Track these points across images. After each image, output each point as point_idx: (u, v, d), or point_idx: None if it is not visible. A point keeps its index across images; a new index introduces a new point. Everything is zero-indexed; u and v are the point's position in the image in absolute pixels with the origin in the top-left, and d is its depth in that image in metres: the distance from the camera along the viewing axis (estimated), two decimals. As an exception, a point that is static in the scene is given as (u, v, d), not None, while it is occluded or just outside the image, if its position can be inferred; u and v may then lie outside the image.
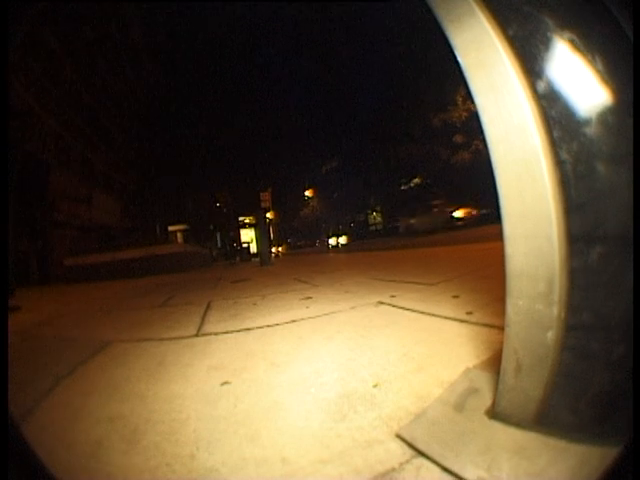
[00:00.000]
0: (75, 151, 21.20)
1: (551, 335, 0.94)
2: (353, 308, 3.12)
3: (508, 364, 1.04)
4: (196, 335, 2.73)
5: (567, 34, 0.86)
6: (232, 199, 29.28)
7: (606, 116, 0.84)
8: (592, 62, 0.84)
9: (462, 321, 2.27)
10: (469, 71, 1.04)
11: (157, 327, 3.19)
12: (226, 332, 2.72)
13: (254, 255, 18.22)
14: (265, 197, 13.95)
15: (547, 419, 0.96)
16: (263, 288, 5.41)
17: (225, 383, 1.68)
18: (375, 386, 1.49)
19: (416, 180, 43.86)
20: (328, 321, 2.76)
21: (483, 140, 1.03)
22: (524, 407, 1.00)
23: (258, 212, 12.99)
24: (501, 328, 1.92)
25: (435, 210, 20.59)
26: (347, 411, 1.32)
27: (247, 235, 32.82)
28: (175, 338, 2.68)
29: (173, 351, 2.32)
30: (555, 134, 0.89)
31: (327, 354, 1.96)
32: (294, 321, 2.87)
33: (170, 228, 32.50)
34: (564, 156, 0.89)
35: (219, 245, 35.48)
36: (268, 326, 2.79)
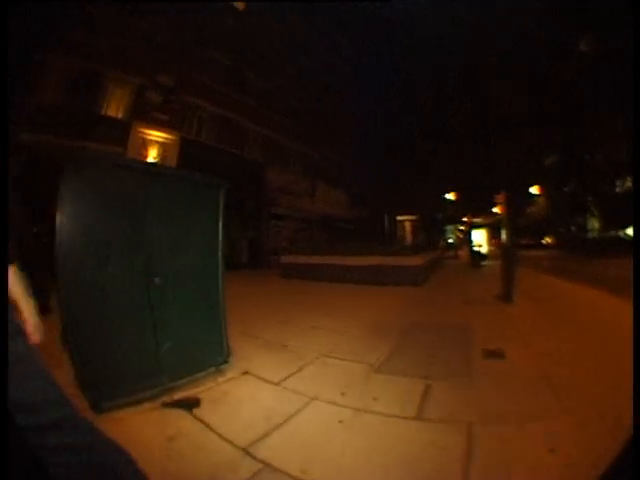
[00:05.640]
0: (292, 150, 22.83)
1: None
2: None
3: None
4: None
5: None
6: (462, 195, 26.90)
7: None
8: None
9: None
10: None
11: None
12: None
13: (483, 257, 16.45)
14: (499, 199, 12.04)
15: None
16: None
17: None
18: None
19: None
20: None
21: None
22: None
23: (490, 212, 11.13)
24: None
25: None
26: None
27: (478, 235, 30.25)
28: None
29: None
30: None
31: None
32: None
33: (399, 218, 31.92)
34: None
35: (450, 242, 33.77)
36: None
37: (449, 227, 37.98)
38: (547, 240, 38.17)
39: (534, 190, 30.89)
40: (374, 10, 21.86)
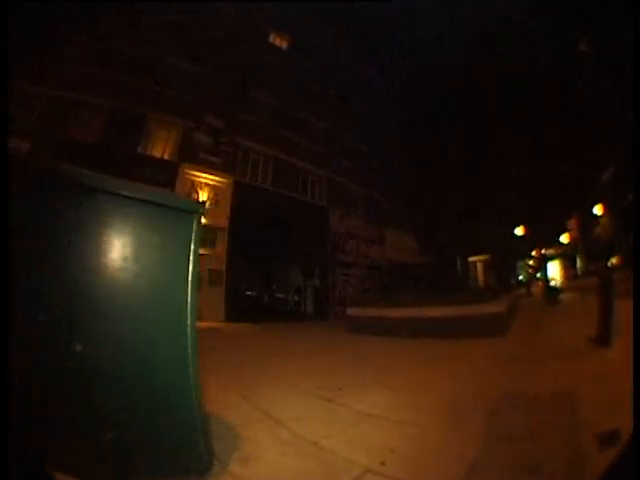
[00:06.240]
0: (356, 193, 22.01)
1: None
2: None
3: None
4: None
5: None
6: (530, 227, 25.28)
7: None
8: None
9: None
10: None
11: None
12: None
13: (558, 292, 14.92)
14: (572, 225, 10.30)
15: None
16: None
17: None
18: None
19: None
20: None
21: None
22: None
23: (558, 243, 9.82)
24: None
25: None
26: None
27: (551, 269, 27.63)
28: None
29: None
30: None
31: None
32: None
33: (470, 259, 30.36)
34: None
35: (520, 279, 31.30)
36: None
37: (519, 264, 35.34)
38: (612, 262, 34.25)
39: (597, 210, 27.68)
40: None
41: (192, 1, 15.73)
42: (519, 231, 25.11)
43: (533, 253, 29.65)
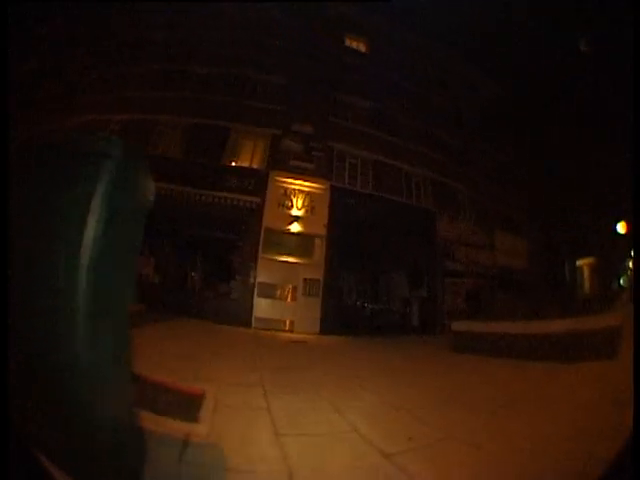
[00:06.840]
0: (463, 194, 20.06)
1: None
2: None
3: None
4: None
5: None
6: (631, 223, 21.60)
7: None
8: None
9: None
10: None
11: None
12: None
13: None
14: None
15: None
16: None
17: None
18: None
19: None
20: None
21: None
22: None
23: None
24: None
25: None
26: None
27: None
28: None
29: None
30: None
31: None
32: None
33: (578, 263, 27.22)
34: None
35: (621, 283, 27.23)
36: None
37: (622, 265, 30.00)
38: None
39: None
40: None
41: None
42: (621, 228, 21.37)
43: (632, 253, 25.23)
